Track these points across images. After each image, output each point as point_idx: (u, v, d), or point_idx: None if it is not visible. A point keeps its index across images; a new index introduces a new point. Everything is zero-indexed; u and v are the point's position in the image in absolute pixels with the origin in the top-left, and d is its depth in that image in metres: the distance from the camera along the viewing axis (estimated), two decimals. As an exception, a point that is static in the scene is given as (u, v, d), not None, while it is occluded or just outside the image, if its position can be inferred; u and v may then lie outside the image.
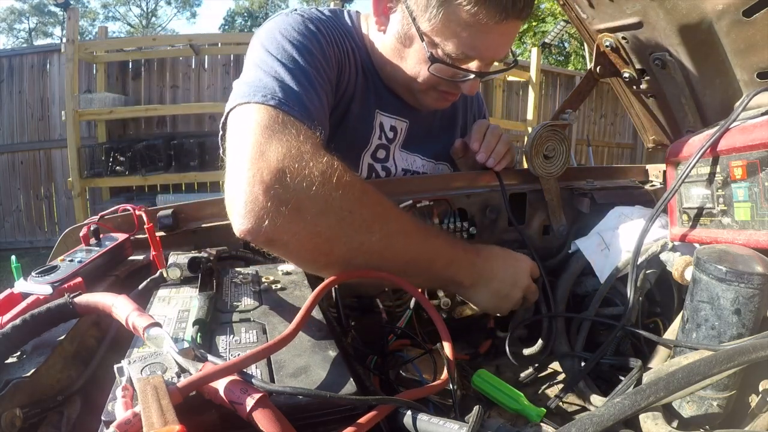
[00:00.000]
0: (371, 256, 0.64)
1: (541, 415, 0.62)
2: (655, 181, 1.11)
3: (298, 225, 0.60)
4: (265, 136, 0.64)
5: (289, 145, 0.63)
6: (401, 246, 0.68)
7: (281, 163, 0.60)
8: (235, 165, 0.63)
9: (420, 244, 0.70)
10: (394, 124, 1.06)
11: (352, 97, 1.00)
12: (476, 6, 0.79)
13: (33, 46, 12.37)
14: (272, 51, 0.82)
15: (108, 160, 4.88)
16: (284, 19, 0.90)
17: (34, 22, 20.77)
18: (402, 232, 0.68)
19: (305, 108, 0.73)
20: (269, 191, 0.59)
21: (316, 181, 0.60)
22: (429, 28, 0.86)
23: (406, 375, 0.70)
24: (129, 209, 0.82)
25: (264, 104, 0.69)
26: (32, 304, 0.61)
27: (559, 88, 7.37)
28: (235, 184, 0.61)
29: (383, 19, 0.94)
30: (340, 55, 0.95)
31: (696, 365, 0.45)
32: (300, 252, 0.63)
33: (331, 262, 0.64)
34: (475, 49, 0.86)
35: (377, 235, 0.64)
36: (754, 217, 0.64)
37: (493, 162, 1.02)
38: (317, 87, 0.81)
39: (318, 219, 0.60)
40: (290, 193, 0.59)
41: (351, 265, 0.64)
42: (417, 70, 0.94)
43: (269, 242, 0.62)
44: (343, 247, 0.63)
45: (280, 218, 0.58)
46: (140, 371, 0.42)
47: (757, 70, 0.77)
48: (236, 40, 6.23)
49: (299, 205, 0.59)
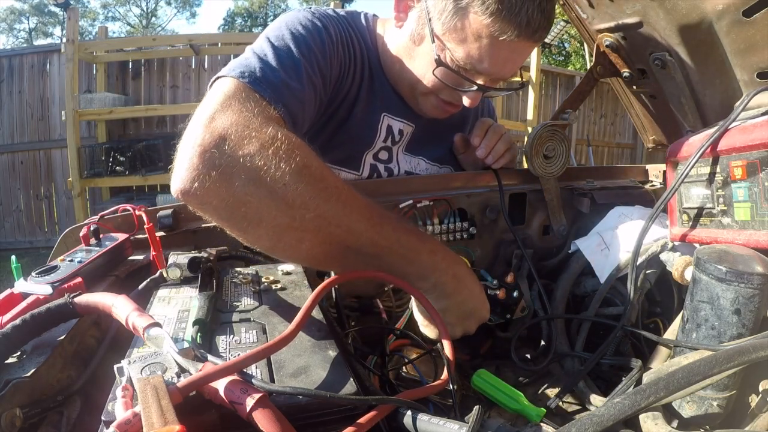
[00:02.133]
0: (304, 234, 0.62)
1: (541, 415, 0.62)
2: (655, 181, 1.11)
3: (227, 191, 0.59)
4: (222, 106, 0.65)
5: (239, 115, 0.63)
6: (342, 229, 0.63)
7: (225, 130, 0.60)
8: (188, 129, 0.64)
9: (367, 231, 0.64)
10: (402, 127, 1.06)
11: (356, 99, 1.00)
12: (491, 18, 0.80)
13: (33, 46, 12.37)
14: (271, 38, 0.83)
15: (108, 160, 4.88)
16: (294, 14, 0.92)
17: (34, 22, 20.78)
18: (346, 215, 0.63)
19: (276, 89, 0.73)
20: (205, 154, 0.59)
21: (253, 150, 0.59)
22: (442, 32, 0.86)
23: (406, 375, 0.70)
24: (129, 209, 0.82)
25: (237, 78, 0.71)
26: (32, 304, 0.61)
27: (559, 88, 7.37)
28: (181, 146, 0.62)
29: (402, 15, 0.96)
30: (345, 56, 0.95)
31: (696, 365, 0.45)
32: (230, 219, 0.62)
33: (260, 235, 0.62)
34: (483, 61, 0.86)
35: (312, 212, 0.60)
36: (754, 217, 0.64)
37: (492, 159, 1.02)
38: (303, 76, 0.80)
39: (248, 187, 0.59)
40: (224, 158, 0.59)
41: (282, 240, 0.63)
42: (423, 71, 0.94)
43: (200, 204, 0.61)
44: (273, 220, 0.61)
45: (208, 181, 0.59)
46: (140, 371, 0.42)
47: (757, 70, 0.77)
48: (236, 40, 6.24)
49: (230, 171, 0.59)
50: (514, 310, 0.85)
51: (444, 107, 1.00)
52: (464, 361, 0.84)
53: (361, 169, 1.06)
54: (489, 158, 1.02)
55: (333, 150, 1.02)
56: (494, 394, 0.66)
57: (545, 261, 1.00)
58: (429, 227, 0.87)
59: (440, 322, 0.62)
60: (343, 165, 1.05)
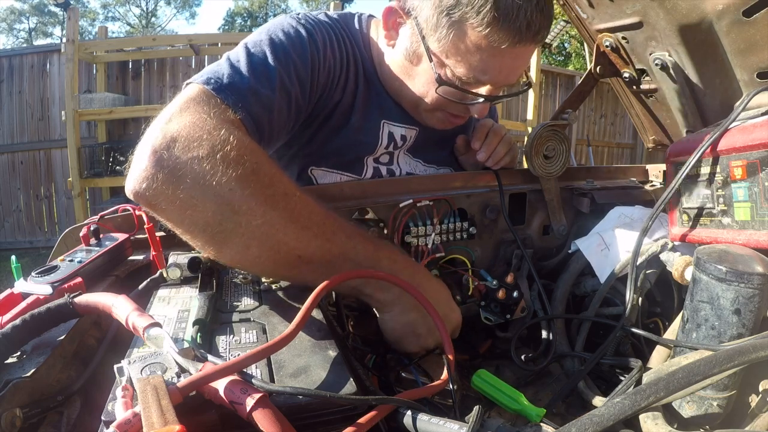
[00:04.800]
0: (251, 241, 0.60)
1: (541, 415, 0.62)
2: (655, 181, 1.11)
3: (173, 193, 0.58)
4: (181, 109, 0.65)
5: (194, 117, 0.63)
6: (290, 237, 0.61)
7: (178, 132, 0.60)
8: (146, 131, 0.64)
9: (317, 239, 0.62)
10: (405, 132, 1.04)
11: (351, 108, 0.98)
12: (488, 28, 0.76)
13: (33, 46, 12.36)
14: (249, 44, 0.83)
15: (108, 160, 4.87)
16: (278, 20, 0.90)
17: (34, 22, 20.77)
18: (294, 222, 0.61)
19: (241, 94, 0.73)
20: (155, 155, 0.59)
21: (202, 153, 0.58)
22: (438, 49, 0.83)
23: (406, 375, 0.70)
24: (129, 209, 0.82)
25: (202, 84, 0.71)
26: (32, 304, 0.61)
27: (559, 88, 7.36)
28: (137, 147, 0.63)
29: (392, 33, 0.92)
30: (333, 62, 0.92)
31: (696, 365, 0.45)
32: (178, 222, 0.61)
33: (207, 240, 0.61)
34: (487, 73, 0.83)
35: (259, 219, 0.59)
36: (754, 217, 0.64)
37: (492, 162, 1.02)
38: (275, 83, 0.79)
39: (193, 191, 0.58)
40: (172, 160, 0.58)
41: (228, 246, 0.61)
42: (425, 90, 0.91)
43: (150, 206, 0.61)
44: (218, 225, 0.59)
45: (156, 183, 0.58)
46: (140, 371, 0.42)
47: (757, 70, 0.77)
48: (236, 40, 6.16)
49: (177, 174, 0.58)
50: (514, 310, 0.85)
51: (451, 120, 0.98)
52: (464, 361, 0.84)
53: (364, 173, 1.06)
54: (489, 161, 1.02)
55: (332, 156, 1.02)
56: (494, 394, 0.66)
57: (545, 261, 1.00)
58: (429, 227, 0.87)
59: (440, 321, 0.61)
60: (345, 169, 1.04)
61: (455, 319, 0.75)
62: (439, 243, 0.89)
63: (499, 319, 0.85)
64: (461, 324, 0.77)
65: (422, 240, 0.87)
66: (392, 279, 0.64)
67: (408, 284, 0.63)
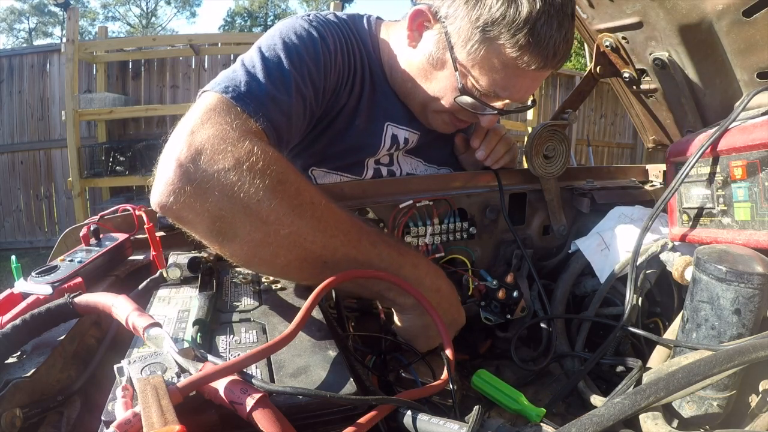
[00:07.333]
0: (279, 249, 0.61)
1: (541, 415, 0.62)
2: (655, 181, 1.11)
3: (202, 205, 0.59)
4: (202, 120, 0.65)
5: (217, 129, 0.63)
6: (317, 245, 0.62)
7: (202, 144, 0.61)
8: (168, 142, 0.64)
9: (344, 246, 0.64)
10: (408, 135, 1.05)
11: (356, 110, 0.98)
12: (519, 51, 0.80)
13: (33, 46, 12.37)
14: (263, 48, 0.82)
15: (108, 160, 4.87)
16: (290, 22, 0.90)
17: (34, 22, 20.77)
18: (321, 231, 0.62)
19: (260, 102, 0.73)
20: (181, 168, 0.59)
21: (228, 165, 0.59)
22: (466, 60, 0.85)
23: (406, 375, 0.70)
24: (129, 209, 0.82)
25: (221, 93, 0.71)
26: (32, 304, 0.61)
27: (559, 88, 7.36)
28: (161, 160, 0.63)
29: (416, 35, 0.93)
30: (343, 65, 0.93)
31: (696, 365, 0.45)
32: (206, 233, 0.62)
33: (235, 250, 0.62)
34: (507, 90, 0.87)
35: (287, 228, 0.60)
36: (754, 217, 0.64)
37: (492, 161, 1.02)
38: (291, 88, 0.79)
39: (222, 203, 0.59)
40: (199, 173, 0.59)
41: (257, 255, 0.62)
42: (441, 94, 0.93)
43: (177, 219, 0.62)
44: (247, 235, 0.60)
45: (183, 196, 0.59)
46: (140, 371, 0.42)
47: (757, 70, 0.77)
48: (236, 40, 6.24)
49: (205, 186, 0.59)
50: (514, 310, 0.85)
51: (456, 124, 1.00)
52: (464, 361, 0.84)
53: (364, 174, 1.06)
54: (488, 160, 1.02)
55: (334, 158, 1.02)
56: (494, 394, 0.66)
57: (545, 261, 1.00)
58: (429, 227, 0.87)
59: (440, 321, 0.62)
60: (346, 171, 1.05)
61: (461, 323, 0.77)
62: (439, 243, 0.89)
63: (499, 319, 0.85)
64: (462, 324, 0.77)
65: (422, 240, 0.87)
66: (393, 279, 0.64)
67: (415, 290, 0.64)
